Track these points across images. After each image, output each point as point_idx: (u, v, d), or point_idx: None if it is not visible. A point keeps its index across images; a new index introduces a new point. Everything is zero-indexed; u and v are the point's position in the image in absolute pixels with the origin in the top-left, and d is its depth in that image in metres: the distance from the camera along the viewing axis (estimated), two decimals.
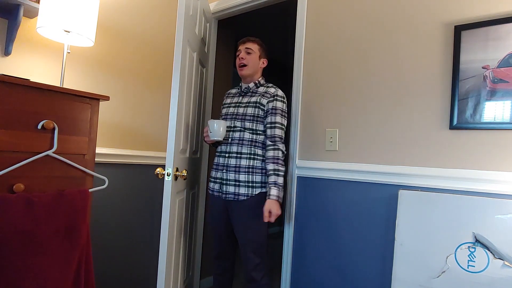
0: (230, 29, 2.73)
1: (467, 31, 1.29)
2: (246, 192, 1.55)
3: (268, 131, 1.59)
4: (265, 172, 1.59)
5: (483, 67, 1.25)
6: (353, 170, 1.54)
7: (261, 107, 1.60)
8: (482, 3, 1.28)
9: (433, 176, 1.33)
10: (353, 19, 1.64)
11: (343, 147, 1.62)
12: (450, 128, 1.32)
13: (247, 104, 1.64)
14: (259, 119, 1.61)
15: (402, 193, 1.35)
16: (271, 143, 1.58)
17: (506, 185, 1.18)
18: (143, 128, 2.09)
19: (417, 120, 1.41)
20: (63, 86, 1.60)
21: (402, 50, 1.47)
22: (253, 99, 1.64)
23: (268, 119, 1.59)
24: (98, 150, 1.77)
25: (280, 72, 4.64)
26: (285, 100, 1.63)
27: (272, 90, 1.63)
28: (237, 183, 1.57)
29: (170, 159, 1.49)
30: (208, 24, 2.20)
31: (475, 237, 1.18)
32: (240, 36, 3.61)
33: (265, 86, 1.68)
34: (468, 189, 1.25)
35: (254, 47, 1.67)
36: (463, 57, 1.29)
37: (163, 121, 2.22)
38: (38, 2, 1.47)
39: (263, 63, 1.72)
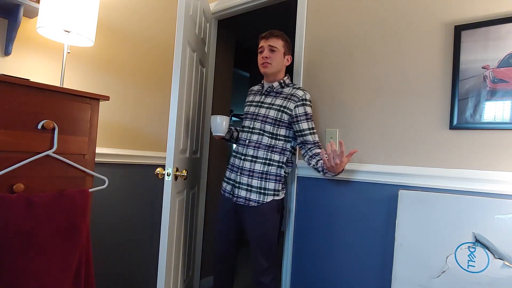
0: (230, 29, 2.73)
1: (467, 31, 1.29)
2: (257, 199, 1.50)
3: (310, 137, 1.52)
4: (279, 179, 1.54)
5: (483, 67, 1.25)
6: (353, 170, 1.54)
7: (287, 111, 1.52)
8: (482, 3, 1.28)
9: (433, 176, 1.33)
10: (353, 20, 1.64)
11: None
12: (450, 128, 1.32)
13: (270, 106, 1.56)
14: (281, 123, 1.53)
15: (402, 193, 1.35)
16: (318, 149, 1.52)
17: (506, 185, 1.18)
18: (143, 128, 2.09)
19: (417, 120, 1.41)
20: (63, 86, 1.60)
21: (402, 50, 1.47)
22: (278, 101, 1.55)
23: (305, 125, 1.51)
24: (98, 150, 1.77)
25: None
26: (311, 105, 1.56)
27: (300, 93, 1.52)
28: (249, 188, 1.52)
29: (170, 159, 1.49)
30: (208, 24, 2.20)
31: (475, 237, 1.18)
32: (240, 36, 3.61)
33: (291, 87, 1.58)
34: (468, 189, 1.25)
35: (279, 44, 1.55)
36: (463, 57, 1.29)
37: (163, 121, 2.22)
38: (38, 2, 1.47)
39: (288, 60, 1.61)
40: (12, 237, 1.10)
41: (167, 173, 1.49)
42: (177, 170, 1.55)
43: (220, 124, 1.55)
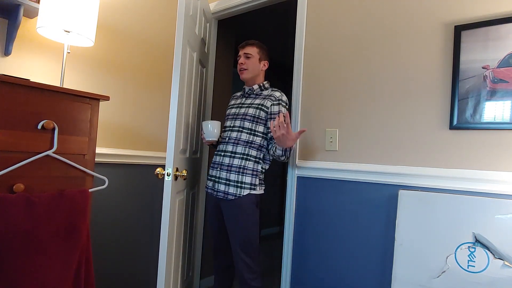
0: (230, 29, 2.73)
1: (467, 31, 1.29)
2: (234, 192, 1.56)
3: None
4: (256, 174, 1.60)
5: (483, 67, 1.25)
6: (353, 170, 1.54)
7: (264, 108, 1.62)
8: (482, 3, 1.28)
9: (433, 176, 1.33)
10: (353, 19, 1.64)
11: (343, 147, 1.62)
12: (450, 128, 1.32)
13: (250, 105, 1.66)
14: (259, 120, 1.62)
15: (402, 193, 1.35)
16: None
17: (506, 185, 1.18)
18: (143, 128, 2.09)
19: (417, 120, 1.41)
20: (63, 86, 1.60)
21: (402, 50, 1.47)
22: (257, 101, 1.66)
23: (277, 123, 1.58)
24: (98, 150, 1.77)
25: (280, 72, 4.64)
26: (287, 107, 1.66)
27: (277, 94, 1.65)
28: (228, 182, 1.59)
29: (170, 159, 1.49)
30: (208, 24, 2.20)
31: (475, 237, 1.18)
32: (240, 36, 3.62)
33: (269, 89, 1.70)
34: (468, 189, 1.25)
35: (253, 50, 1.68)
36: (463, 57, 1.29)
37: (163, 121, 2.22)
38: (38, 2, 1.47)
39: (264, 65, 1.73)
40: (12, 237, 1.10)
41: (167, 173, 1.49)
42: (177, 170, 1.55)
43: (212, 129, 1.62)
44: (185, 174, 1.57)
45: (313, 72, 1.76)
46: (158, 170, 1.53)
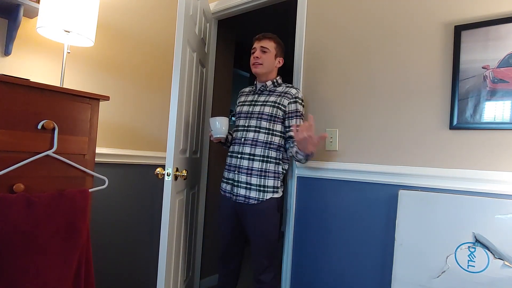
0: (230, 29, 2.73)
1: (467, 31, 1.29)
2: (257, 196, 1.51)
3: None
4: (277, 176, 1.56)
5: (483, 67, 1.25)
6: (353, 170, 1.54)
7: (282, 107, 1.55)
8: (482, 3, 1.28)
9: (433, 176, 1.33)
10: (353, 20, 1.64)
11: (343, 147, 1.62)
12: (450, 128, 1.32)
13: (265, 103, 1.58)
14: (277, 119, 1.55)
15: (402, 193, 1.35)
16: None
17: (506, 185, 1.18)
18: (143, 128, 2.09)
19: (417, 120, 1.41)
20: (63, 86, 1.59)
21: (402, 50, 1.47)
22: (272, 98, 1.58)
23: (294, 122, 1.55)
24: (98, 150, 1.77)
25: (280, 72, 4.63)
26: (303, 104, 1.61)
27: (293, 91, 1.58)
28: (248, 186, 1.53)
29: (170, 159, 1.49)
30: (208, 24, 2.20)
31: (475, 237, 1.18)
32: (240, 36, 3.61)
33: (284, 86, 1.63)
34: (468, 189, 1.25)
35: (270, 45, 1.60)
36: (463, 57, 1.29)
37: (163, 121, 2.22)
38: (38, 2, 1.47)
39: (279, 62, 1.65)
40: (12, 237, 1.10)
41: (167, 173, 1.49)
42: (177, 170, 1.55)
43: (220, 126, 1.55)
44: (185, 174, 1.57)
45: (313, 72, 1.76)
46: (158, 170, 1.53)
